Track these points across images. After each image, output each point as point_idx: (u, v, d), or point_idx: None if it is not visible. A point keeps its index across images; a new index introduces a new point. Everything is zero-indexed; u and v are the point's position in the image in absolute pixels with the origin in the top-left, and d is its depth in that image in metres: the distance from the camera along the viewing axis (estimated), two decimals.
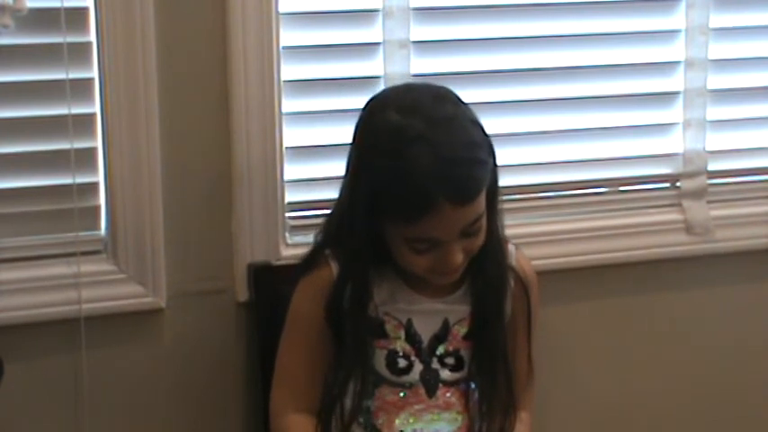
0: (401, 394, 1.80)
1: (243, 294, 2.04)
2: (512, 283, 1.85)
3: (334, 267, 1.79)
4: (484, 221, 1.74)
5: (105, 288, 1.96)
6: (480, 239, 1.75)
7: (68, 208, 1.92)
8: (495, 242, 1.80)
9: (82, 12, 1.90)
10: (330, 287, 1.78)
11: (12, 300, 1.92)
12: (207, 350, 2.04)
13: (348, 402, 1.79)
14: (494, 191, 1.76)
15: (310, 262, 1.83)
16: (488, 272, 1.80)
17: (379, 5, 2.05)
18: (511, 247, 1.87)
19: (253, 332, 2.02)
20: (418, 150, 1.65)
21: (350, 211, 1.75)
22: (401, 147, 1.66)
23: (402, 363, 1.80)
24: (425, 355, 1.81)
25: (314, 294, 1.79)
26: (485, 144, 1.72)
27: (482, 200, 1.72)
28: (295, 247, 2.01)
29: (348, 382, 1.78)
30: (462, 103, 1.75)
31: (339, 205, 1.79)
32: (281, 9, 1.99)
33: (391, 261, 1.77)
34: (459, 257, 1.72)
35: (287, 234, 2.06)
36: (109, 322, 1.97)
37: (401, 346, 1.81)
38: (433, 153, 1.65)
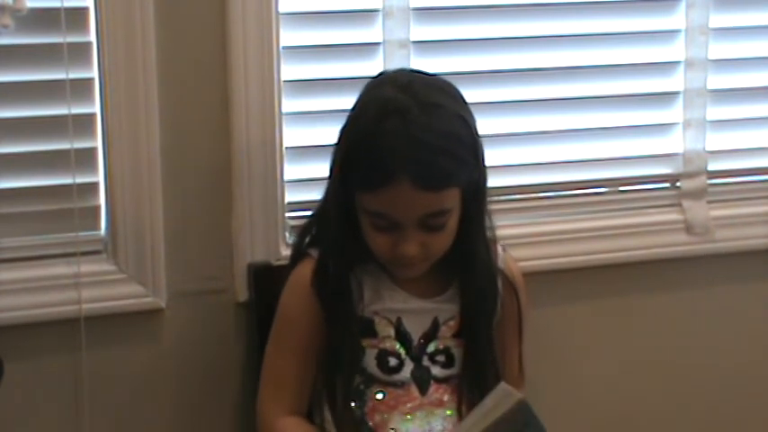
0: (378, 396, 1.80)
1: (243, 294, 2.04)
2: (500, 285, 1.85)
3: None
4: (451, 221, 1.73)
5: (105, 288, 1.96)
6: (444, 239, 1.74)
7: (68, 208, 1.92)
8: (483, 244, 1.80)
9: (82, 12, 1.90)
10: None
11: (12, 300, 1.92)
12: (207, 350, 2.05)
13: (338, 401, 1.79)
14: (478, 192, 1.76)
15: (294, 256, 1.85)
16: (477, 273, 1.80)
17: (379, 5, 2.05)
18: (499, 249, 1.87)
19: (253, 332, 2.02)
20: (396, 123, 1.67)
21: (330, 176, 1.78)
22: (382, 115, 1.69)
23: (392, 361, 1.80)
24: (416, 353, 1.81)
25: (300, 294, 1.80)
26: (467, 142, 1.72)
27: (450, 196, 1.71)
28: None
29: (338, 372, 1.78)
30: (460, 101, 1.76)
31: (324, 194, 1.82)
32: (281, 9, 1.99)
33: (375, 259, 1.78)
34: (413, 248, 1.71)
35: (287, 234, 2.06)
36: (109, 322, 1.97)
37: (391, 344, 1.81)
38: (409, 130, 1.67)
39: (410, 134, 1.67)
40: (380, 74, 1.84)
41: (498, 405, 1.63)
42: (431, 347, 1.82)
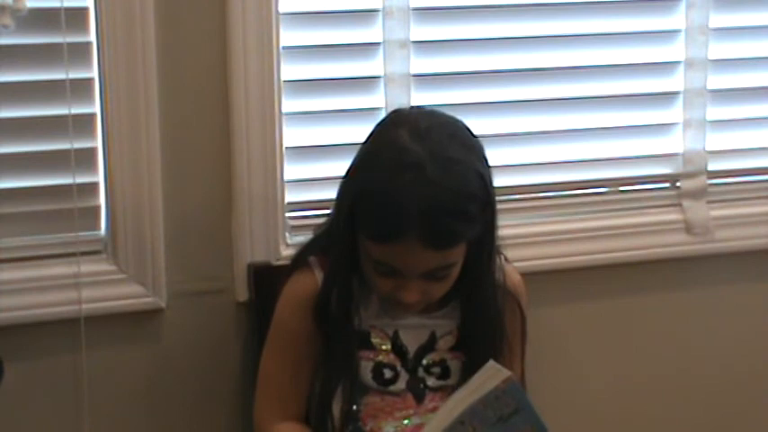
0: (374, 401, 1.79)
1: (243, 294, 2.04)
2: (503, 301, 1.82)
3: (318, 276, 1.79)
4: (454, 272, 1.72)
5: (105, 288, 1.96)
6: (445, 286, 1.73)
7: (68, 208, 1.92)
8: (490, 277, 1.78)
9: (82, 12, 1.90)
10: (313, 297, 1.78)
11: (12, 300, 1.92)
12: (207, 350, 2.05)
13: (336, 410, 1.78)
14: (485, 241, 1.73)
15: (296, 264, 1.83)
16: (481, 302, 1.78)
17: (379, 5, 2.05)
18: (500, 260, 1.83)
19: (252, 332, 2.02)
20: (410, 179, 1.63)
21: (336, 212, 1.76)
22: (396, 168, 1.64)
23: (388, 373, 1.80)
24: (411, 364, 1.81)
25: (297, 306, 1.79)
26: (481, 197, 1.68)
27: (457, 252, 1.69)
28: (295, 247, 2.01)
29: (336, 390, 1.78)
30: (477, 149, 1.71)
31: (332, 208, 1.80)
32: (281, 9, 1.99)
33: None
34: (414, 296, 1.70)
35: (287, 234, 2.06)
36: (109, 322, 1.98)
37: (387, 357, 1.80)
38: (424, 189, 1.63)
39: (424, 194, 1.62)
40: (396, 111, 1.79)
41: (486, 382, 1.62)
42: (426, 360, 1.81)
